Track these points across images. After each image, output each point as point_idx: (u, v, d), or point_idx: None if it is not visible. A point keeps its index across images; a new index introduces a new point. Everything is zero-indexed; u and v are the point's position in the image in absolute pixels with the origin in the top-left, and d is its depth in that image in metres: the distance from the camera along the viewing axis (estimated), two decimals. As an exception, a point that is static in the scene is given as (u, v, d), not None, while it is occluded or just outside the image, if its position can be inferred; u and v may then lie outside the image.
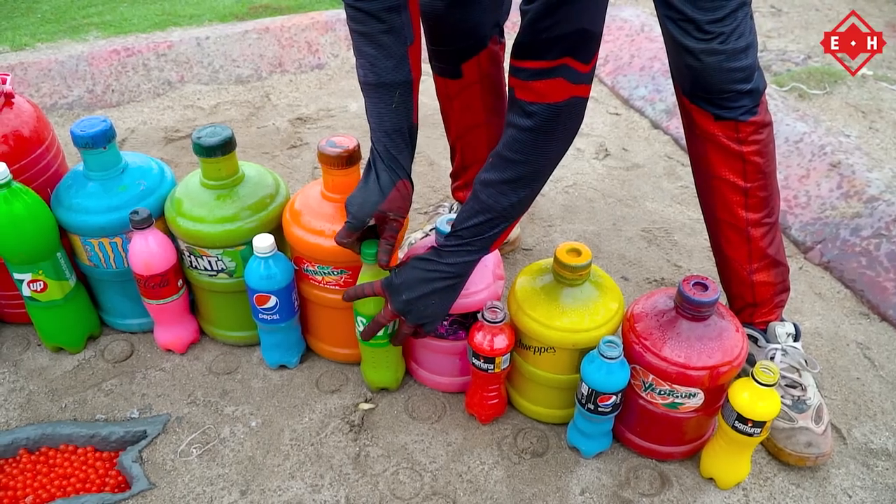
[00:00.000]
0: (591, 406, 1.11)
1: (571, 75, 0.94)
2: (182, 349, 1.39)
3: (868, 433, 1.28)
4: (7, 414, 1.28)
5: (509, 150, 1.01)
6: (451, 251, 1.07)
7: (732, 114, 1.14)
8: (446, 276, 1.08)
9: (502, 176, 1.02)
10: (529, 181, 1.04)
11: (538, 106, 0.96)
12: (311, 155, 2.09)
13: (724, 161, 1.18)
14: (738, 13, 1.07)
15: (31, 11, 2.89)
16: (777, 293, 1.29)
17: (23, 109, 1.31)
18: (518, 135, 0.99)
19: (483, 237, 1.06)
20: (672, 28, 1.10)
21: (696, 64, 1.10)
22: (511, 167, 1.02)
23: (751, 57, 1.11)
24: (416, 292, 1.08)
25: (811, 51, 2.67)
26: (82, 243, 1.30)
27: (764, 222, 1.22)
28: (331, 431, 1.24)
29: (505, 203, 1.04)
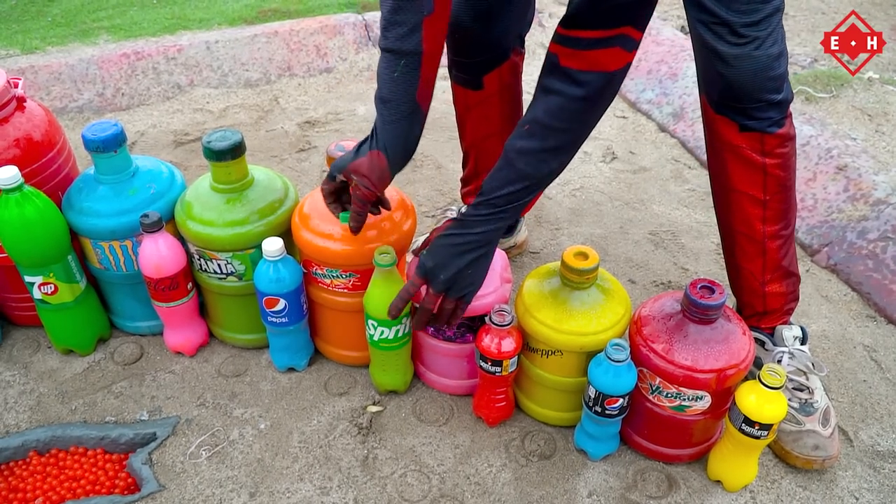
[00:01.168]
0: (599, 409, 1.12)
1: (628, 43, 0.95)
2: (191, 352, 1.40)
3: (875, 435, 1.28)
4: (17, 416, 1.29)
5: (553, 119, 1.01)
6: (482, 220, 1.07)
7: (759, 125, 1.11)
8: (479, 246, 1.08)
9: (544, 144, 1.03)
10: (571, 148, 1.06)
11: (592, 75, 0.97)
12: (319, 158, 2.10)
13: (745, 174, 1.16)
14: (773, 18, 1.03)
15: (42, 15, 2.91)
16: (787, 302, 1.29)
17: (34, 113, 1.33)
18: (566, 103, 1.00)
19: (517, 204, 1.07)
20: (704, 32, 1.05)
21: (728, 70, 1.06)
22: (554, 135, 1.02)
23: (783, 65, 1.07)
24: (452, 269, 1.07)
25: (817, 54, 2.67)
26: (93, 246, 1.31)
27: (780, 234, 1.21)
28: (339, 434, 1.25)
29: (545, 170, 1.05)
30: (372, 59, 2.70)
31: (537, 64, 2.75)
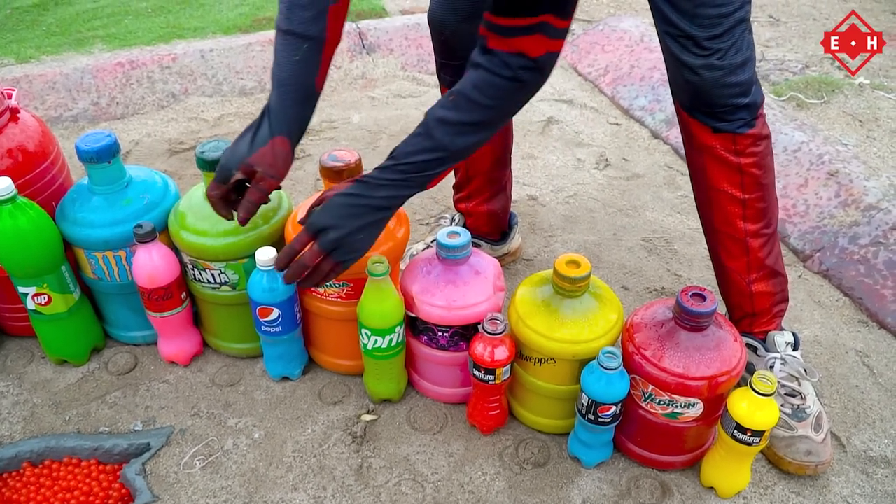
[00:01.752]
0: (592, 416, 1.12)
1: (550, 31, 0.98)
2: (185, 361, 1.40)
3: (867, 441, 1.29)
4: (11, 427, 1.29)
5: (480, 94, 1.02)
6: (387, 184, 1.05)
7: (730, 126, 1.14)
8: (378, 209, 1.05)
9: (465, 117, 1.04)
10: (490, 126, 1.07)
11: (517, 58, 1.00)
12: (313, 167, 2.11)
13: (722, 173, 1.19)
14: (737, 29, 1.08)
15: (37, 24, 2.91)
16: (776, 303, 1.30)
17: (28, 124, 1.33)
18: (493, 80, 1.02)
19: (425, 174, 1.06)
20: (671, 44, 1.10)
21: (694, 79, 1.10)
22: (478, 110, 1.03)
23: (748, 72, 1.11)
24: (345, 229, 1.04)
25: (809, 60, 2.68)
26: (87, 257, 1.31)
27: (762, 233, 1.23)
28: (333, 443, 1.25)
29: (461, 144, 1.05)
30: (365, 67, 2.71)
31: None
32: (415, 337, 1.27)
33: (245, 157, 1.03)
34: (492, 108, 1.04)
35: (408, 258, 1.56)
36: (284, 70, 1.04)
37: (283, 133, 1.04)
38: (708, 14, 1.06)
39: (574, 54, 2.88)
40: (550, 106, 2.51)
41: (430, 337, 1.24)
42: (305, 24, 1.02)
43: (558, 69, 2.78)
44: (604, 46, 2.81)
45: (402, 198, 1.07)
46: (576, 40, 2.95)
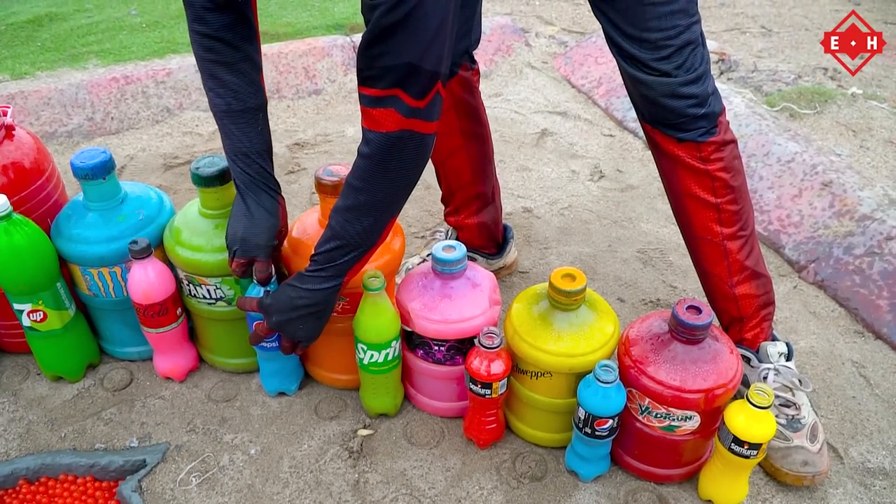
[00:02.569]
0: (589, 430, 1.12)
1: (402, 108, 0.97)
2: (181, 377, 1.40)
3: (865, 452, 1.29)
4: (7, 444, 1.28)
5: (353, 177, 1.05)
6: (310, 277, 1.10)
7: (692, 135, 1.17)
8: (308, 304, 1.11)
9: (346, 203, 1.06)
10: (371, 210, 1.06)
11: (374, 134, 1.00)
12: (308, 180, 2.11)
13: (693, 179, 1.21)
14: (684, 50, 1.11)
15: (31, 40, 2.91)
16: (761, 305, 1.31)
17: (23, 141, 1.33)
18: (359, 161, 1.03)
19: (335, 264, 1.08)
20: (623, 63, 1.15)
21: (649, 93, 1.14)
22: (354, 194, 1.05)
23: (702, 85, 1.14)
24: (284, 316, 1.13)
25: (801, 70, 2.70)
26: (82, 273, 1.31)
27: (739, 235, 1.24)
28: (330, 458, 1.25)
29: (351, 231, 1.06)
30: (361, 80, 2.72)
31: (525, 83, 2.78)
32: (411, 351, 1.27)
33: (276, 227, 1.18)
34: (363, 189, 1.03)
35: (403, 272, 1.56)
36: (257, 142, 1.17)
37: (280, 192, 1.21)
38: (653, 39, 1.10)
39: (567, 66, 2.89)
40: (544, 118, 2.52)
41: (426, 351, 1.24)
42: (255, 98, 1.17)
43: (552, 81, 2.80)
44: (597, 58, 2.82)
45: (326, 290, 1.11)
46: (569, 52, 2.97)
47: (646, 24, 1.09)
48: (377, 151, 1.00)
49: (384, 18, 0.91)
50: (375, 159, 1.01)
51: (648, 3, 1.08)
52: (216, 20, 1.11)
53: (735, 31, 3.17)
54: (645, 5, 1.08)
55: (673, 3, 1.08)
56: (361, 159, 1.02)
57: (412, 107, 0.97)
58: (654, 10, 1.08)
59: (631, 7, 1.09)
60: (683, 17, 1.10)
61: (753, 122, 2.16)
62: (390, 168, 1.02)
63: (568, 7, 3.51)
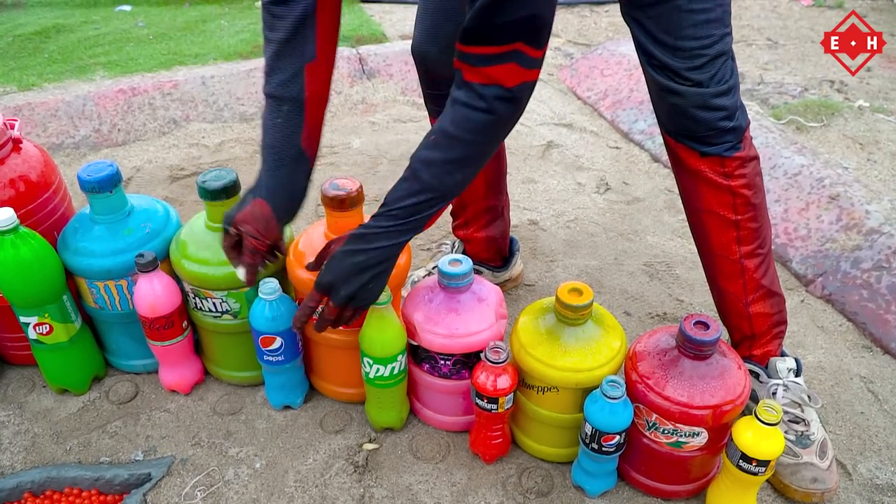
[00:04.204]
0: (596, 446, 1.11)
1: (524, 60, 0.96)
2: (187, 390, 1.39)
3: (873, 468, 1.28)
4: (12, 457, 1.28)
5: (458, 129, 1.01)
6: (383, 232, 1.05)
7: (717, 150, 1.16)
8: (380, 262, 1.06)
9: (448, 155, 1.02)
10: (476, 160, 1.05)
11: (492, 88, 0.98)
12: (314, 193, 2.09)
13: (713, 195, 1.20)
14: (717, 61, 1.10)
15: (39, 52, 2.93)
16: (774, 324, 1.30)
17: (30, 154, 1.33)
18: (470, 114, 1.00)
19: (420, 216, 1.05)
20: (653, 73, 1.13)
21: (678, 101, 1.13)
22: (459, 146, 1.02)
23: (732, 98, 1.13)
24: (353, 285, 1.06)
25: (808, 83, 2.70)
26: (88, 286, 1.31)
27: (757, 253, 1.24)
28: (335, 472, 1.24)
29: (450, 182, 1.04)
30: (365, 92, 2.73)
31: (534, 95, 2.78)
32: (417, 365, 1.27)
33: (232, 218, 1.10)
34: (472, 142, 1.02)
35: (409, 285, 1.56)
36: (268, 133, 1.10)
37: (262, 196, 1.10)
38: (688, 47, 1.09)
39: (573, 78, 2.90)
40: (550, 130, 2.52)
41: (432, 365, 1.24)
42: (283, 87, 1.07)
43: (557, 93, 2.81)
44: (602, 70, 2.82)
45: (400, 244, 1.07)
46: (575, 64, 2.97)
47: (682, 31, 1.07)
48: (497, 106, 0.98)
49: None
50: (494, 113, 0.99)
51: (686, 10, 1.06)
52: None
53: (741, 43, 3.18)
54: (682, 12, 1.06)
55: (710, 12, 1.07)
56: (473, 111, 0.99)
57: (533, 58, 0.97)
58: (691, 17, 1.06)
59: (666, 14, 1.07)
60: (719, 27, 1.08)
61: (760, 135, 2.16)
62: (505, 122, 1.02)
63: (574, 19, 3.52)
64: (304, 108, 1.09)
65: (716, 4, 1.07)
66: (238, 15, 3.44)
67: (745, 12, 3.57)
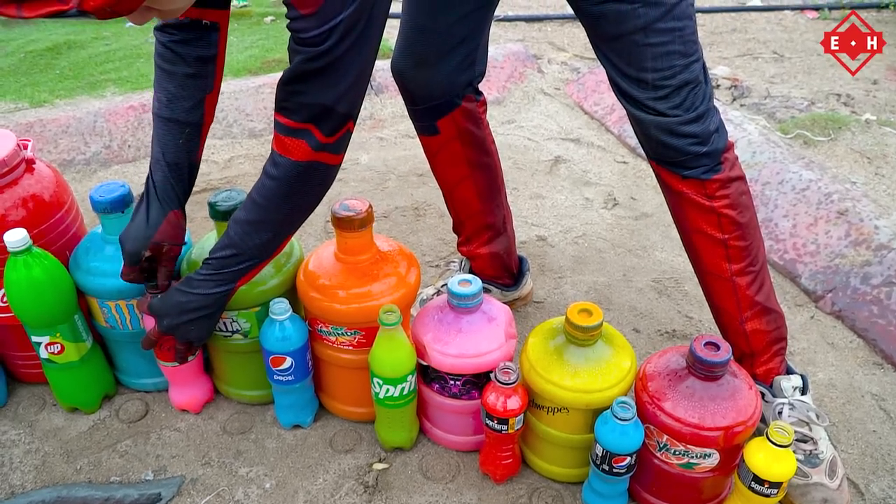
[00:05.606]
0: (606, 467, 1.11)
1: (312, 141, 1.04)
2: (197, 409, 1.40)
3: (886, 488, 1.27)
4: (23, 476, 1.28)
5: (257, 194, 1.10)
6: (201, 280, 1.15)
7: (695, 172, 1.17)
8: (199, 307, 1.16)
9: (248, 216, 1.12)
10: (271, 226, 1.13)
11: (284, 159, 1.06)
12: (323, 208, 2.10)
13: (699, 215, 1.21)
14: (682, 90, 1.11)
15: (50, 68, 2.96)
16: (772, 341, 1.29)
17: (43, 175, 1.34)
18: (266, 181, 1.09)
19: (229, 270, 1.14)
20: (623, 102, 1.17)
21: (649, 132, 1.15)
22: (256, 210, 1.11)
23: (703, 124, 1.14)
24: (175, 319, 1.18)
25: (814, 96, 2.70)
26: (99, 305, 1.32)
27: (748, 271, 1.24)
28: (345, 493, 1.24)
29: (249, 243, 1.12)
30: (373, 107, 2.74)
31: (538, 109, 2.79)
32: (427, 385, 1.27)
33: (150, 238, 1.19)
34: (266, 208, 1.10)
35: (418, 304, 1.56)
36: (170, 154, 1.20)
37: (175, 207, 1.22)
38: (649, 79, 1.11)
39: (580, 93, 2.90)
40: (557, 145, 2.52)
41: (441, 385, 1.24)
42: (187, 113, 1.19)
43: (564, 108, 2.81)
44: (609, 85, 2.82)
45: (217, 295, 1.16)
46: (581, 79, 2.98)
47: (642, 64, 1.10)
48: (284, 176, 1.07)
49: (305, 65, 0.97)
50: (282, 182, 1.08)
51: (643, 45, 1.08)
52: (177, 32, 1.15)
53: (747, 56, 3.18)
54: (640, 46, 1.09)
55: (668, 45, 1.09)
56: (268, 179, 1.08)
57: (322, 142, 1.04)
58: (648, 51, 1.09)
59: (626, 48, 1.10)
60: (680, 58, 1.10)
61: (767, 150, 2.16)
62: (294, 192, 1.10)
63: (580, 33, 3.53)
64: (201, 131, 1.23)
65: (675, 37, 1.09)
66: (246, 31, 3.46)
67: (751, 25, 3.57)
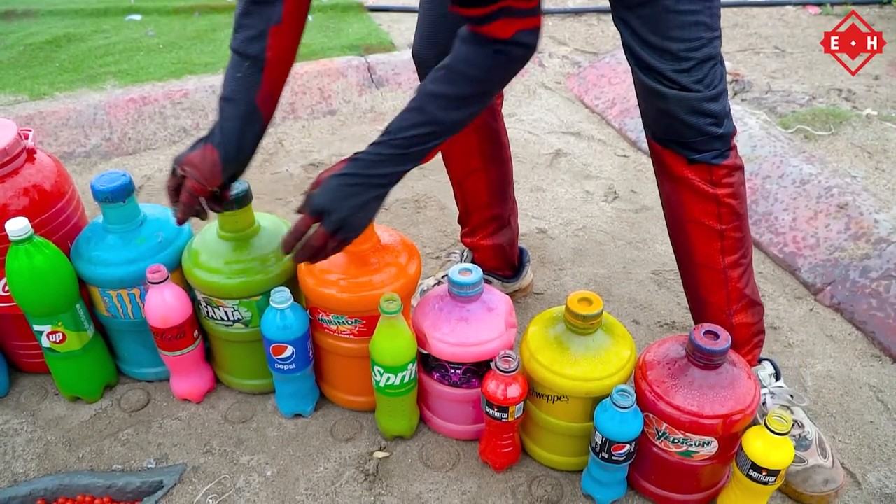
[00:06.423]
0: (606, 455, 1.12)
1: (514, 12, 1.00)
2: (198, 398, 1.40)
3: (883, 478, 1.27)
4: (25, 465, 1.29)
5: (469, 67, 1.04)
6: (383, 160, 1.07)
7: (705, 156, 1.15)
8: (374, 186, 1.08)
9: (456, 91, 1.05)
10: (481, 99, 1.09)
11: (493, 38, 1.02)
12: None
13: (698, 204, 1.20)
14: (705, 65, 1.10)
15: (50, 61, 2.95)
16: (755, 333, 1.30)
17: (44, 164, 1.35)
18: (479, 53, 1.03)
19: (420, 148, 1.07)
20: (642, 75, 1.13)
21: (667, 108, 1.12)
22: (468, 83, 1.05)
23: (721, 104, 1.13)
24: (345, 210, 1.07)
25: (815, 91, 2.70)
26: (101, 295, 1.32)
27: (740, 263, 1.24)
28: (346, 480, 1.25)
29: (454, 117, 1.07)
30: (375, 101, 2.74)
31: (539, 103, 2.79)
32: (427, 374, 1.27)
33: (182, 158, 1.13)
34: (480, 80, 1.05)
35: (419, 294, 1.57)
36: (228, 86, 1.12)
37: (214, 143, 1.12)
38: (675, 49, 1.08)
39: (581, 87, 2.91)
40: (558, 138, 2.53)
41: (442, 374, 1.25)
42: (246, 44, 1.09)
43: (565, 101, 2.81)
44: (610, 79, 2.83)
45: (399, 174, 1.09)
46: (582, 73, 2.98)
47: (669, 32, 1.07)
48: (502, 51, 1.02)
49: None
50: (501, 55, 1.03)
51: (674, 11, 1.06)
52: None
53: (748, 51, 3.18)
54: (670, 13, 1.06)
55: (698, 14, 1.07)
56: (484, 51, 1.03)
57: (524, 9, 1.00)
58: (678, 18, 1.06)
59: (654, 15, 1.07)
60: (706, 31, 1.08)
61: (768, 144, 2.16)
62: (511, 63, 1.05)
63: (581, 27, 3.53)
64: (263, 68, 1.10)
65: (704, 7, 1.07)
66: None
67: (753, 20, 3.57)
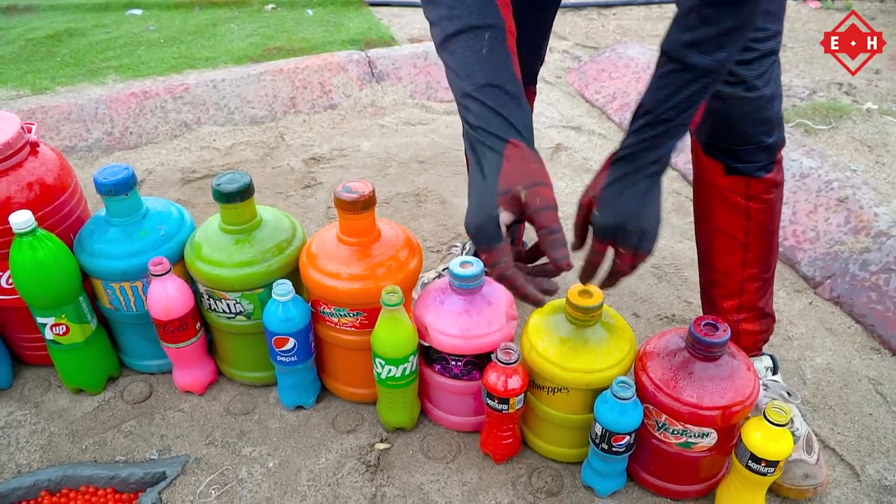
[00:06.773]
0: (605, 446, 1.12)
1: None
2: (201, 390, 1.41)
3: (882, 470, 1.28)
4: (29, 456, 1.30)
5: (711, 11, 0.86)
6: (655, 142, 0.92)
7: (747, 168, 1.11)
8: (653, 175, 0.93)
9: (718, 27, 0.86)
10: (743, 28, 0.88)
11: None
12: (324, 194, 2.13)
13: (727, 215, 1.18)
14: (766, 60, 1.04)
15: (51, 55, 2.96)
16: (760, 341, 1.31)
17: (47, 158, 1.35)
18: None
19: (693, 108, 0.91)
20: None
21: (719, 107, 1.05)
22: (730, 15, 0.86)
23: (776, 108, 1.08)
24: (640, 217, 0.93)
25: (816, 85, 2.70)
26: (104, 287, 1.33)
27: (760, 277, 1.23)
28: (347, 472, 1.26)
29: (722, 57, 0.88)
30: (375, 95, 2.74)
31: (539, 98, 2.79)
32: (428, 366, 1.28)
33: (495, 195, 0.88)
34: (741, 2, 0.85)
35: (420, 287, 1.58)
36: (478, 71, 0.89)
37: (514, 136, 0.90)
38: None
39: (581, 81, 2.91)
40: (558, 133, 2.53)
41: (443, 366, 1.25)
42: (478, 15, 0.89)
43: (566, 96, 2.82)
44: (611, 73, 2.83)
45: (669, 153, 0.94)
46: (583, 67, 2.98)
47: None
48: None
49: None
50: None
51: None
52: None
53: (748, 45, 3.18)
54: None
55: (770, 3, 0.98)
56: None
57: None
58: None
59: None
60: (773, 22, 1.01)
61: (768, 138, 2.16)
62: None
63: (581, 22, 3.53)
64: (505, 35, 0.90)
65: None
66: (248, 19, 3.46)
67: (753, 15, 3.57)
